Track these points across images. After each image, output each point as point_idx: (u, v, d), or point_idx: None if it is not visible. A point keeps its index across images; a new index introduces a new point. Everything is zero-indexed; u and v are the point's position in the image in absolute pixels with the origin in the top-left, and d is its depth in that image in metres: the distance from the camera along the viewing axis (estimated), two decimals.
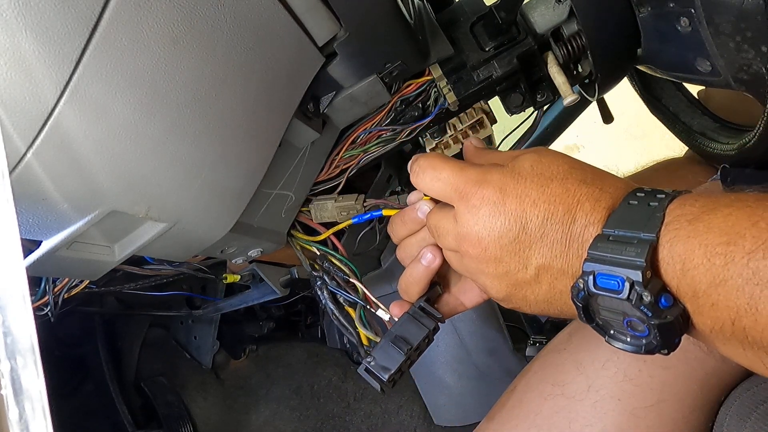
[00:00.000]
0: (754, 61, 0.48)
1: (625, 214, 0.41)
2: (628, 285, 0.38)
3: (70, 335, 1.04)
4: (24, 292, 0.28)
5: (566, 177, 0.44)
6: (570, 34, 0.58)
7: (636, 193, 0.42)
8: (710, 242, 0.36)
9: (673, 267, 0.38)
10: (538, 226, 0.43)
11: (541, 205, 0.43)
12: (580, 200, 0.43)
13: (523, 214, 0.44)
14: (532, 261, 0.44)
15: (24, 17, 0.33)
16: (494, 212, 0.45)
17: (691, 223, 0.38)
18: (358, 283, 0.62)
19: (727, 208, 0.37)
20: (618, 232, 0.40)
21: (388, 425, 1.10)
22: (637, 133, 2.02)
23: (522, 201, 0.44)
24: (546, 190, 0.44)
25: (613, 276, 0.39)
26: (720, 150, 0.66)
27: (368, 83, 0.55)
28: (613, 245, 0.40)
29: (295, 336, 1.23)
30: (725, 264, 0.35)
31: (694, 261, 0.37)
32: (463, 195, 0.47)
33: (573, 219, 0.43)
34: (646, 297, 0.38)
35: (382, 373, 0.52)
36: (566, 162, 0.46)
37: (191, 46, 0.40)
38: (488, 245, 0.45)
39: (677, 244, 0.38)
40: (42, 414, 0.27)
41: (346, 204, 0.64)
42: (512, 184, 0.45)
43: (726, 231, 0.36)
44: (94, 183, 0.42)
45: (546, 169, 0.45)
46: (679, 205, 0.39)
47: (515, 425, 0.64)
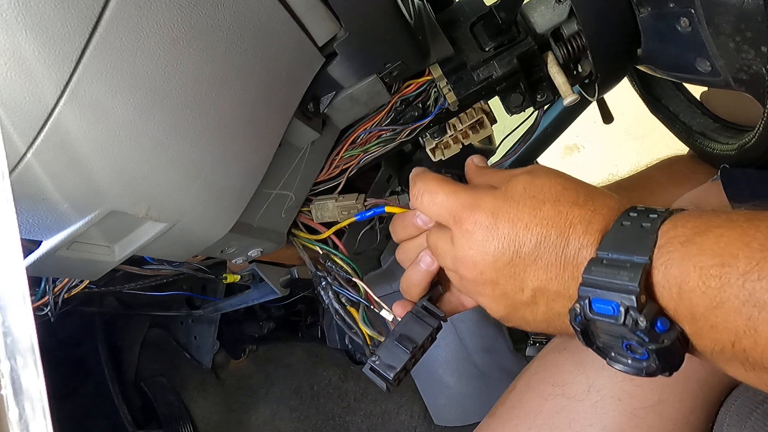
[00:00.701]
0: (754, 61, 0.48)
1: (618, 236, 0.40)
2: (623, 310, 0.38)
3: (70, 335, 1.04)
4: (24, 292, 0.28)
5: (558, 199, 0.44)
6: (570, 34, 0.58)
7: (629, 213, 0.42)
8: (704, 264, 0.36)
9: (669, 290, 0.38)
10: (531, 249, 0.43)
11: (534, 229, 0.43)
12: (572, 223, 0.43)
13: (516, 237, 0.44)
14: (527, 283, 0.44)
15: (24, 17, 0.33)
16: (487, 237, 0.45)
17: (684, 245, 0.37)
18: (360, 283, 0.62)
19: (719, 229, 0.37)
20: (612, 255, 0.40)
21: (388, 425, 1.10)
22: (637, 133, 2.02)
23: (514, 225, 0.44)
24: (538, 213, 0.44)
25: (607, 301, 0.39)
26: (720, 150, 0.66)
27: (368, 83, 0.55)
28: (606, 269, 0.39)
29: (295, 336, 1.23)
30: (721, 286, 0.35)
31: (690, 284, 0.37)
32: (457, 219, 0.47)
33: (566, 242, 0.43)
34: (642, 322, 0.37)
35: (388, 372, 0.53)
36: (559, 183, 0.45)
37: (191, 47, 0.40)
38: (484, 269, 0.46)
39: (672, 267, 0.37)
40: (42, 414, 0.27)
41: (346, 204, 0.64)
42: (504, 207, 0.45)
43: (719, 252, 0.36)
44: (94, 183, 0.42)
45: (538, 192, 0.45)
46: (671, 227, 0.39)
47: (515, 425, 0.64)
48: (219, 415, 1.11)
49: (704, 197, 0.67)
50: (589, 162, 2.18)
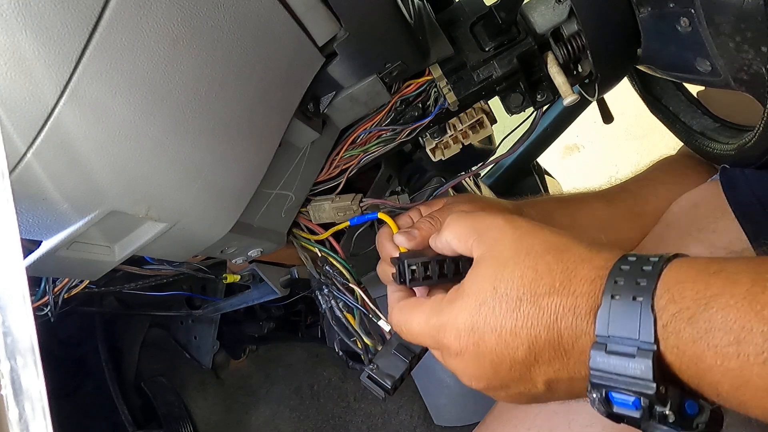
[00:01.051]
0: (754, 61, 0.48)
1: (612, 315, 0.37)
2: (645, 404, 0.36)
3: (70, 335, 1.04)
4: (24, 292, 0.28)
5: (534, 291, 0.41)
6: (570, 34, 0.58)
7: (615, 281, 0.38)
8: (719, 344, 0.34)
9: (687, 372, 0.36)
10: (526, 352, 0.41)
11: (521, 332, 0.41)
12: (558, 314, 0.40)
13: (507, 346, 0.41)
14: (538, 379, 0.42)
15: (24, 17, 0.33)
16: (478, 353, 0.43)
17: (690, 323, 0.35)
18: (357, 289, 0.62)
19: (722, 298, 0.34)
20: (613, 337, 0.37)
21: (388, 425, 1.10)
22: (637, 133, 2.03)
23: (500, 335, 0.41)
24: (519, 316, 0.41)
25: (626, 396, 0.36)
26: (720, 150, 0.66)
27: (368, 83, 0.55)
28: (614, 360, 0.37)
29: (295, 336, 1.23)
30: (741, 367, 0.33)
31: (707, 363, 0.35)
32: (441, 345, 0.45)
33: (559, 335, 0.40)
34: (670, 416, 0.35)
35: (386, 381, 0.54)
36: (528, 266, 0.42)
37: (191, 47, 0.40)
38: (489, 379, 0.44)
39: (684, 349, 0.35)
40: (42, 414, 0.27)
41: (342, 204, 0.64)
42: (482, 318, 0.42)
43: (731, 327, 0.33)
44: (94, 183, 0.42)
45: (509, 288, 0.41)
46: (669, 300, 0.36)
47: (515, 425, 0.64)
48: (219, 415, 1.12)
49: (704, 197, 0.66)
50: (589, 162, 2.19)
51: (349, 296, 0.63)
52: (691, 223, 0.64)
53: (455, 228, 0.49)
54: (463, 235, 0.47)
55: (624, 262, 0.39)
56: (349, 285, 0.63)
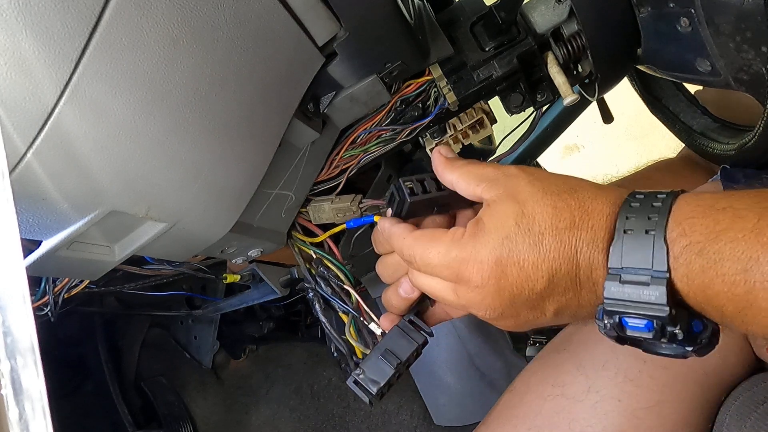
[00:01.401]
0: (754, 61, 0.48)
1: (626, 248, 0.40)
2: (657, 326, 0.39)
3: (70, 335, 1.04)
4: (24, 292, 0.28)
5: (555, 226, 0.43)
6: (570, 34, 0.58)
7: (626, 217, 0.41)
8: (727, 272, 0.37)
9: (694, 297, 0.39)
10: (545, 285, 0.43)
11: (542, 265, 0.43)
12: (576, 247, 0.42)
13: (528, 279, 0.43)
14: (548, 308, 0.45)
15: (24, 17, 0.33)
16: (499, 286, 0.44)
17: (701, 255, 0.38)
18: (352, 291, 0.62)
19: (731, 232, 0.37)
20: (626, 269, 0.40)
21: (388, 425, 1.10)
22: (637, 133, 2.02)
23: (522, 267, 0.43)
24: (541, 249, 0.43)
25: (639, 319, 0.39)
26: (720, 150, 0.66)
27: (368, 83, 0.55)
28: (628, 289, 0.40)
29: (295, 336, 1.23)
30: (747, 291, 0.36)
31: (715, 289, 0.37)
32: (461, 277, 0.45)
33: (577, 267, 0.42)
34: (679, 334, 0.38)
35: (371, 386, 0.53)
36: (549, 203, 0.43)
37: (191, 47, 0.40)
38: (503, 309, 0.45)
39: (694, 278, 0.38)
40: (42, 414, 0.27)
41: (342, 206, 0.64)
42: (506, 252, 0.43)
43: (739, 258, 0.36)
44: (94, 183, 0.42)
45: (532, 223, 0.43)
46: (680, 234, 0.39)
47: (515, 425, 0.64)
48: (219, 415, 1.12)
49: None
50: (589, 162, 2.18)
51: (345, 298, 0.62)
52: None
53: (466, 176, 0.49)
54: (473, 183, 0.48)
55: (633, 199, 0.42)
56: (344, 287, 0.63)
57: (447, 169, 0.51)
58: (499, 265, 0.43)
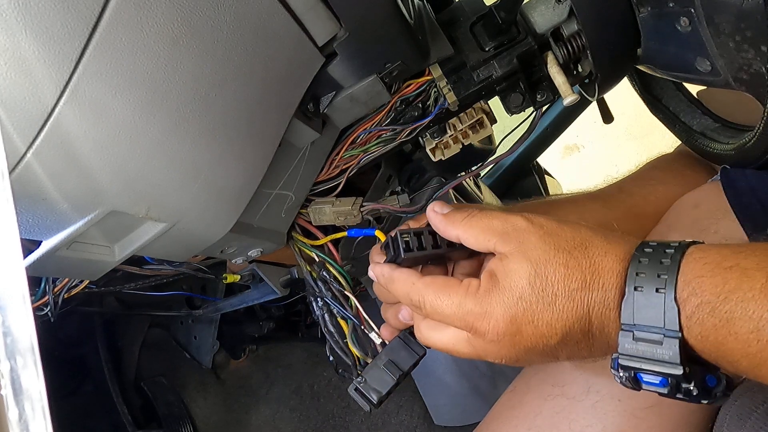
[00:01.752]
0: (754, 60, 0.48)
1: (638, 305, 0.42)
2: (672, 383, 0.40)
3: (70, 335, 1.04)
4: (24, 292, 0.28)
5: (568, 286, 0.44)
6: (570, 34, 0.58)
7: (636, 273, 0.42)
8: (739, 331, 0.38)
9: (709, 354, 0.40)
10: (559, 340, 0.45)
11: (556, 324, 0.44)
12: (589, 306, 0.44)
13: (542, 336, 0.45)
14: (561, 355, 0.47)
15: (24, 17, 0.33)
16: (514, 342, 0.45)
17: (712, 314, 0.39)
18: (352, 297, 0.62)
19: (740, 292, 0.38)
20: (639, 327, 0.41)
21: (388, 425, 1.10)
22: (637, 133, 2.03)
23: (537, 326, 0.44)
24: (555, 310, 0.44)
25: (654, 376, 0.41)
26: (720, 150, 0.66)
27: (368, 83, 0.55)
28: (642, 346, 0.41)
29: (295, 336, 1.23)
30: (761, 350, 0.38)
31: (729, 346, 0.39)
32: (476, 330, 0.46)
33: (590, 324, 0.44)
34: (694, 390, 0.40)
35: (373, 395, 0.55)
36: (560, 262, 0.44)
37: (191, 46, 0.40)
38: (517, 359, 0.47)
39: (707, 337, 0.40)
40: (42, 414, 0.27)
41: (343, 209, 0.64)
42: (520, 312, 0.44)
43: (751, 317, 0.38)
44: (94, 183, 0.42)
45: (546, 285, 0.44)
46: (690, 293, 0.40)
47: (515, 426, 0.64)
48: (219, 415, 1.11)
49: (705, 197, 0.67)
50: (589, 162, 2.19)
51: (344, 303, 0.62)
52: (693, 224, 0.65)
53: (472, 230, 0.49)
54: (482, 238, 0.48)
55: (642, 253, 0.43)
56: (344, 292, 0.63)
57: (449, 226, 0.51)
58: (514, 323, 0.45)
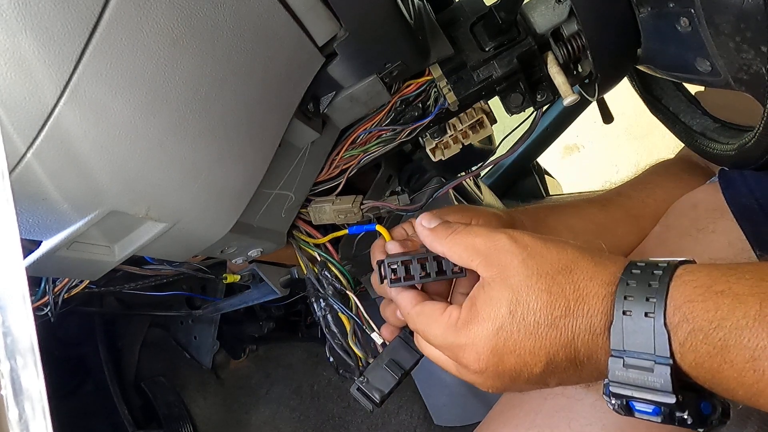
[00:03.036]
0: (754, 61, 0.48)
1: (627, 330, 0.40)
2: (665, 412, 0.39)
3: (70, 335, 1.04)
4: (24, 292, 0.28)
5: (550, 313, 0.42)
6: (570, 34, 0.58)
7: (624, 297, 0.41)
8: (734, 360, 0.37)
9: (704, 381, 0.39)
10: (543, 369, 0.43)
11: (539, 353, 0.43)
12: (574, 334, 0.42)
13: (526, 364, 0.44)
14: (550, 383, 0.46)
15: (24, 17, 0.33)
16: (497, 372, 0.45)
17: (705, 342, 0.38)
18: (352, 296, 0.62)
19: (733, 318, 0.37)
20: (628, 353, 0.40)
21: (388, 425, 1.10)
22: (637, 133, 2.03)
23: (519, 355, 0.43)
24: (538, 338, 0.43)
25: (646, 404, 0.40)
26: (720, 150, 0.66)
27: (368, 83, 0.55)
28: (633, 374, 0.40)
29: (295, 336, 1.23)
30: (757, 380, 0.36)
31: (724, 374, 0.38)
32: (460, 361, 0.46)
33: (575, 352, 0.43)
34: (688, 419, 0.38)
35: (375, 395, 0.55)
36: (542, 288, 0.43)
37: (191, 47, 0.40)
38: (505, 388, 0.46)
39: (702, 363, 0.38)
40: (42, 414, 0.27)
41: (343, 207, 0.64)
42: (501, 343, 0.43)
43: (745, 346, 0.36)
44: (94, 183, 0.42)
45: (527, 313, 0.43)
46: (681, 319, 0.39)
47: (515, 425, 0.64)
48: (219, 415, 1.12)
49: (703, 198, 0.67)
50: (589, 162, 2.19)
51: (344, 305, 0.63)
52: (691, 224, 0.65)
53: (456, 248, 0.49)
54: (465, 257, 0.48)
55: (630, 275, 0.41)
56: (345, 292, 0.63)
57: (435, 241, 0.51)
58: (496, 353, 0.44)
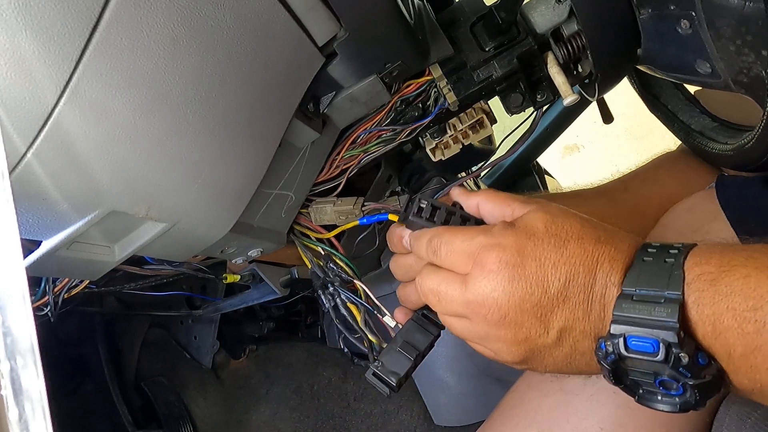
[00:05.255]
0: (755, 64, 0.48)
1: (643, 272, 0.41)
2: (663, 347, 0.38)
3: (70, 335, 1.04)
4: (24, 292, 0.28)
5: (581, 237, 0.44)
6: (570, 34, 0.58)
7: (647, 249, 0.42)
8: (737, 307, 0.37)
9: (703, 328, 0.38)
10: (559, 289, 0.42)
11: (562, 268, 0.42)
12: (598, 260, 0.42)
13: (545, 277, 0.43)
14: (553, 324, 0.43)
15: (24, 17, 0.33)
16: (514, 276, 0.43)
17: (713, 284, 0.38)
18: (359, 284, 0.62)
19: (744, 268, 0.38)
20: (640, 290, 0.40)
21: (388, 425, 1.10)
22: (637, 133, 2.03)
23: (542, 264, 0.43)
24: (564, 252, 0.43)
25: (646, 338, 0.39)
26: (718, 150, 0.66)
27: (368, 83, 0.55)
28: (639, 306, 0.40)
29: (295, 336, 1.23)
30: (757, 331, 0.36)
31: (725, 324, 0.37)
32: (479, 261, 0.44)
33: (594, 279, 0.42)
34: (684, 358, 0.38)
35: (392, 378, 0.55)
36: (577, 221, 0.45)
37: (191, 46, 0.40)
38: (508, 311, 0.43)
39: (704, 306, 0.38)
40: (42, 414, 0.27)
41: (344, 208, 0.64)
42: (530, 246, 0.43)
43: (750, 295, 0.37)
44: (94, 183, 0.42)
45: (560, 230, 0.44)
46: (695, 263, 0.40)
47: (516, 423, 0.64)
48: (219, 415, 1.11)
49: (698, 202, 0.68)
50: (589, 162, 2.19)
51: (352, 294, 0.63)
52: (686, 226, 0.67)
53: (495, 195, 0.50)
54: (504, 202, 0.49)
55: (650, 245, 0.43)
56: (351, 282, 0.63)
57: (472, 195, 0.51)
58: (520, 254, 0.43)
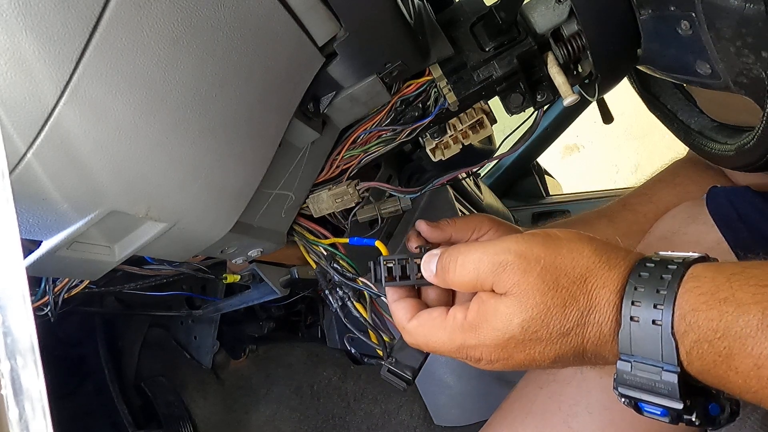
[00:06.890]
0: (755, 66, 0.48)
1: (634, 337, 0.41)
2: (673, 414, 0.40)
3: (70, 335, 1.04)
4: (24, 292, 0.28)
5: (563, 325, 0.44)
6: (570, 34, 0.58)
7: (632, 302, 0.42)
8: (740, 367, 0.38)
9: (712, 384, 0.40)
10: (550, 364, 0.46)
11: (549, 354, 0.45)
12: (584, 343, 0.44)
13: (534, 361, 0.46)
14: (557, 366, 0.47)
15: (24, 17, 0.33)
16: (507, 364, 0.47)
17: (711, 348, 0.39)
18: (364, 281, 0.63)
19: (737, 328, 0.38)
20: (636, 356, 0.41)
21: (388, 425, 1.10)
22: (637, 133, 2.03)
23: (529, 354, 0.46)
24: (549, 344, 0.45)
25: (654, 406, 0.41)
26: (718, 150, 0.66)
27: (368, 83, 0.55)
28: (640, 377, 0.41)
29: (295, 336, 1.23)
30: (763, 386, 0.37)
31: (731, 381, 0.39)
32: (470, 358, 0.48)
33: (584, 351, 0.44)
34: (696, 420, 0.39)
35: (407, 372, 0.56)
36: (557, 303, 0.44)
37: (191, 47, 0.40)
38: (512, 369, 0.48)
39: (709, 370, 0.39)
40: (42, 414, 0.27)
41: (339, 190, 0.64)
42: (511, 345, 0.46)
43: (750, 354, 0.38)
44: (94, 183, 0.42)
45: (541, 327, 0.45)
46: (687, 328, 0.40)
47: (514, 416, 0.66)
48: (219, 415, 1.11)
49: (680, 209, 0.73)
50: (589, 162, 2.19)
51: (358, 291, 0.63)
52: (668, 229, 0.72)
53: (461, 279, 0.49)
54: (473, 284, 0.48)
55: (638, 279, 0.42)
56: (356, 279, 0.64)
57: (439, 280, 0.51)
58: (506, 350, 0.46)
